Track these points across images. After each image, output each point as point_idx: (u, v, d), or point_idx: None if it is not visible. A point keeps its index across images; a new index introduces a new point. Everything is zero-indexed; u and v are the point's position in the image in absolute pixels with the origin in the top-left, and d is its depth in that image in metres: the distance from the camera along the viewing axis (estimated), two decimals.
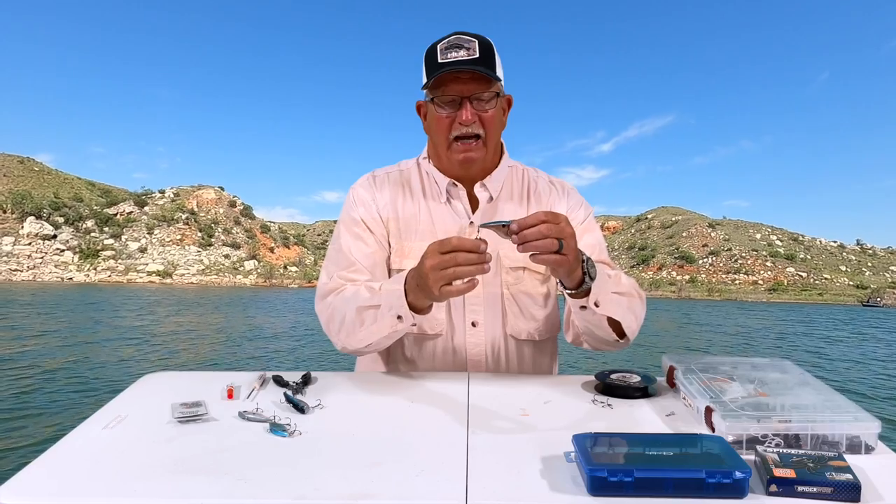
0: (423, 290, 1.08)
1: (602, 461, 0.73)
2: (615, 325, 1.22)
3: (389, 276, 1.36)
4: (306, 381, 1.14)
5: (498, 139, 1.36)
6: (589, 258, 1.13)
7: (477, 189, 1.36)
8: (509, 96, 1.34)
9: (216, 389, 1.08)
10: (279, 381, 1.12)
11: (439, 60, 1.22)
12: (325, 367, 11.05)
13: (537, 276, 1.37)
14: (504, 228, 1.02)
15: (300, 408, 0.99)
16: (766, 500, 0.71)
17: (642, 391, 1.09)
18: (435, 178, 1.38)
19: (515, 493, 0.72)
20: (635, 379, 1.11)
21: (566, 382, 1.19)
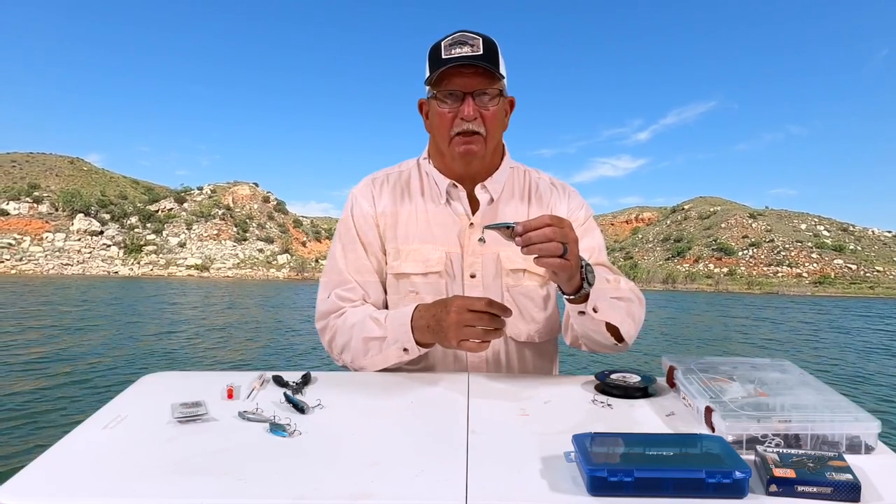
0: (436, 335, 1.14)
1: (602, 461, 0.73)
2: (613, 330, 1.22)
3: (385, 281, 1.37)
4: (306, 381, 1.14)
5: (499, 139, 1.36)
6: (588, 263, 1.13)
7: (478, 190, 1.36)
8: (512, 98, 1.34)
9: (216, 389, 1.08)
10: (279, 381, 1.12)
11: (443, 56, 1.22)
12: (325, 367, 11.04)
13: (538, 278, 1.37)
14: (508, 230, 1.02)
15: (300, 408, 0.99)
16: (766, 500, 0.71)
17: (642, 391, 1.09)
18: (435, 179, 1.37)
19: (515, 493, 0.72)
20: (635, 379, 1.11)
21: (566, 382, 1.19)
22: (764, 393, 0.96)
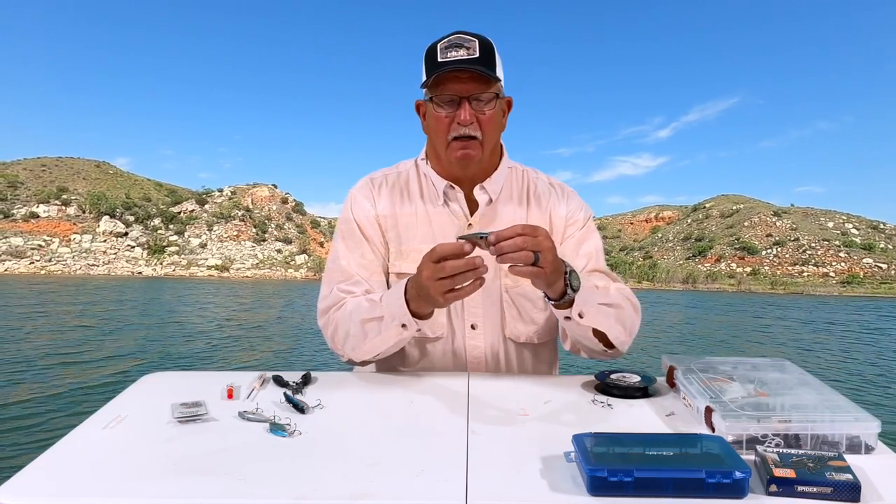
0: (425, 298, 1.10)
1: (602, 461, 0.73)
2: (602, 336, 1.21)
3: (388, 281, 1.36)
4: (306, 381, 1.14)
5: (496, 141, 1.35)
6: (572, 270, 1.13)
7: (476, 191, 1.36)
8: (509, 98, 1.34)
9: (216, 389, 1.08)
10: (279, 381, 1.12)
11: (439, 59, 1.22)
12: (325, 367, 11.06)
13: None
14: (483, 240, 1.03)
15: (300, 408, 0.99)
16: (766, 500, 0.71)
17: (642, 391, 1.09)
18: (433, 180, 1.37)
19: (515, 493, 0.72)
20: (635, 379, 1.11)
21: (566, 382, 1.19)
22: (764, 393, 0.96)
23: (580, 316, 1.15)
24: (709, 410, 0.91)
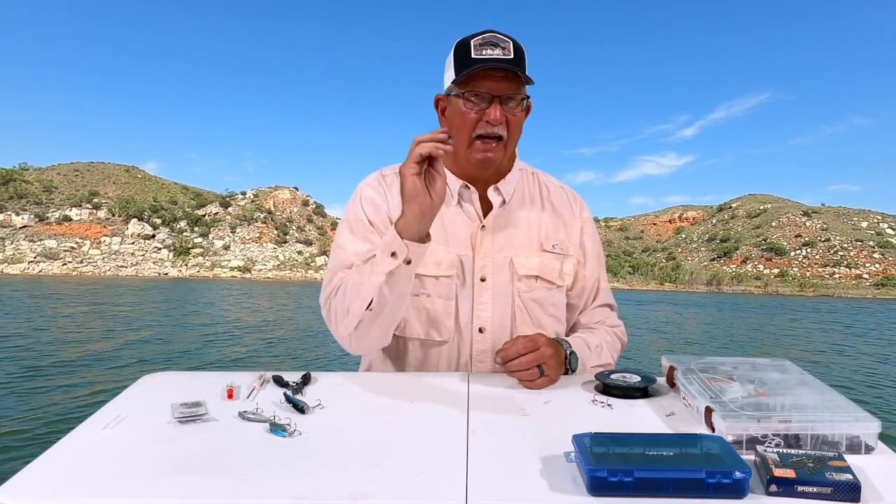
0: (408, 202, 1.10)
1: (602, 461, 0.73)
2: None
3: None
4: (306, 381, 1.14)
5: (517, 143, 1.35)
6: (573, 352, 1.26)
7: (490, 192, 1.35)
8: (531, 103, 1.32)
9: (216, 389, 1.08)
10: (279, 381, 1.12)
11: (473, 56, 1.21)
12: (325, 367, 11.05)
13: (549, 285, 1.37)
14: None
15: (300, 408, 0.99)
16: (766, 500, 0.71)
17: (642, 391, 1.09)
18: (447, 179, 1.36)
19: (515, 493, 0.72)
20: (635, 379, 1.11)
21: (566, 382, 1.19)
22: (764, 393, 0.96)
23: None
24: (709, 410, 0.91)
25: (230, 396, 1.05)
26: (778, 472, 0.72)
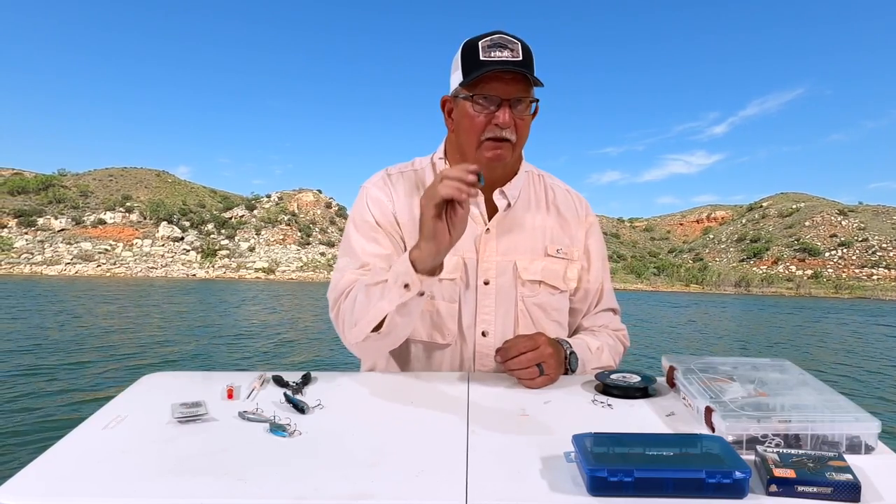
0: (428, 240, 1.06)
1: (602, 461, 0.73)
2: None
3: None
4: (306, 381, 1.14)
5: (524, 146, 1.34)
6: (572, 352, 1.27)
7: (496, 195, 1.34)
8: (539, 106, 1.31)
9: (216, 389, 1.08)
10: (279, 381, 1.12)
11: (482, 58, 1.19)
12: (325, 367, 11.05)
13: (553, 290, 1.37)
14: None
15: (300, 408, 0.99)
16: (766, 500, 0.71)
17: (642, 391, 1.09)
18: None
19: (515, 493, 0.72)
20: (635, 379, 1.11)
21: (566, 382, 1.19)
22: (764, 393, 0.96)
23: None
24: (709, 410, 0.91)
25: (230, 396, 1.05)
26: (778, 472, 0.72)
